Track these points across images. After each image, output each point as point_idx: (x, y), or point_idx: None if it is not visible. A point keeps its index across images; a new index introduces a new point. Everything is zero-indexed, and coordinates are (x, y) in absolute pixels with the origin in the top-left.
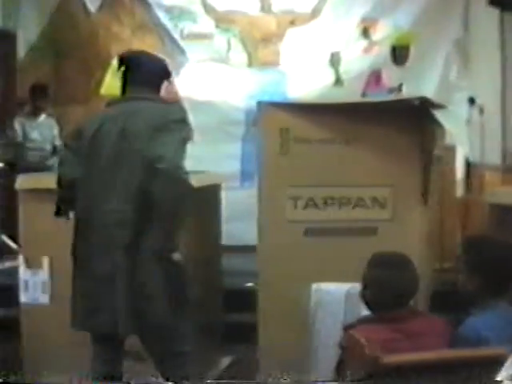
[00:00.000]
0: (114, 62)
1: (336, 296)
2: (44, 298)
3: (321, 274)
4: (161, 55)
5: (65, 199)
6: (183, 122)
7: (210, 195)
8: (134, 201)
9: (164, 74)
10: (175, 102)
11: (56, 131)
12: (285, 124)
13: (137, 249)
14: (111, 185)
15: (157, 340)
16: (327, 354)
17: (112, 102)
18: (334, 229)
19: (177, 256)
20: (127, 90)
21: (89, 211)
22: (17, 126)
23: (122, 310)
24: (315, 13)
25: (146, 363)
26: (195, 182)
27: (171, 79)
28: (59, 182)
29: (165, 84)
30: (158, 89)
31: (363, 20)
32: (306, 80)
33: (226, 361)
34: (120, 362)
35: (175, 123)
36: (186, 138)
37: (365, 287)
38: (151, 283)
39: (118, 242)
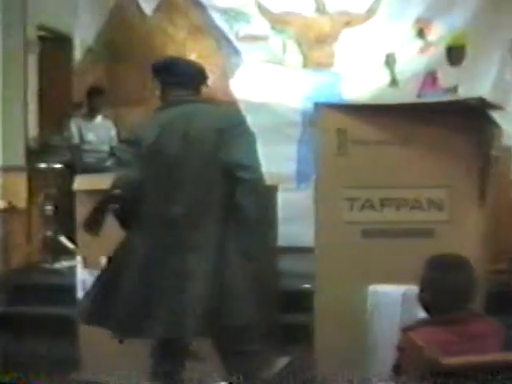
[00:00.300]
0: None
1: (393, 298)
2: None
3: (377, 276)
4: (216, 57)
5: (125, 203)
6: (245, 124)
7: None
8: (203, 203)
9: (202, 76)
10: (230, 103)
11: (113, 132)
12: (342, 125)
13: (214, 250)
14: (177, 187)
15: (230, 340)
16: (384, 355)
17: (162, 107)
18: (391, 230)
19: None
20: (170, 94)
21: (153, 214)
22: (73, 128)
23: (194, 311)
24: (370, 13)
25: (205, 363)
26: None
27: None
28: (116, 185)
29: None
30: (198, 91)
31: (418, 20)
32: (361, 81)
33: (282, 362)
34: (181, 362)
35: (240, 126)
36: (255, 141)
37: (422, 289)
38: (234, 284)
39: (189, 244)
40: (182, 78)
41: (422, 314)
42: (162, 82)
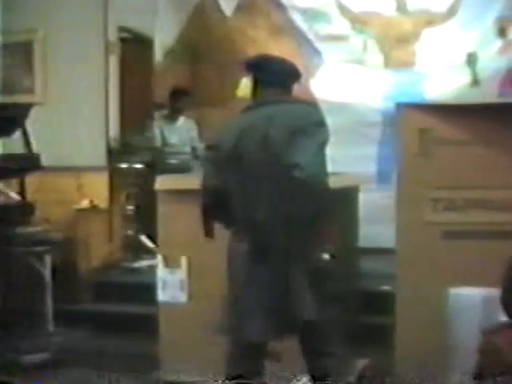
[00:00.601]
0: None
1: (473, 301)
2: (182, 296)
3: (458, 278)
4: (297, 57)
5: (212, 210)
6: (322, 124)
7: (348, 197)
8: (278, 208)
9: (294, 75)
10: (312, 103)
11: (195, 133)
12: (424, 125)
13: (288, 254)
14: (258, 193)
15: (310, 341)
16: (464, 358)
17: (248, 108)
18: (473, 232)
19: (324, 257)
20: (260, 93)
21: (237, 220)
22: (156, 131)
23: (279, 314)
24: (451, 12)
25: (282, 364)
26: (333, 183)
27: (301, 81)
28: (204, 192)
29: (295, 85)
30: (290, 90)
31: (499, 19)
32: (442, 80)
33: (361, 363)
34: (259, 362)
35: (314, 126)
36: (324, 142)
37: (504, 291)
38: (304, 286)
39: (273, 249)
40: (274, 77)
41: (503, 318)
42: (254, 80)
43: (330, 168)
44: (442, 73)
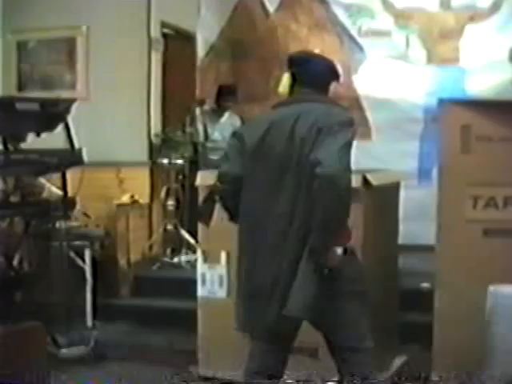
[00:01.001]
0: None
1: None
2: (221, 292)
3: (498, 276)
4: (339, 53)
5: (228, 197)
6: (348, 123)
7: (390, 193)
8: (300, 204)
9: (333, 74)
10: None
11: None
12: (466, 121)
13: (301, 249)
14: (280, 188)
15: (338, 336)
16: (503, 358)
17: (279, 104)
18: None
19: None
20: (295, 90)
21: (256, 213)
22: (199, 126)
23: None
24: (494, 8)
25: (319, 360)
26: (375, 180)
27: (340, 80)
28: (222, 179)
29: (333, 84)
30: (326, 90)
31: None
32: (485, 76)
33: (399, 360)
34: (282, 359)
35: (340, 125)
36: (349, 141)
37: None
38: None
39: (285, 245)
40: (311, 75)
41: None
42: (292, 77)
43: (373, 165)
44: (485, 69)
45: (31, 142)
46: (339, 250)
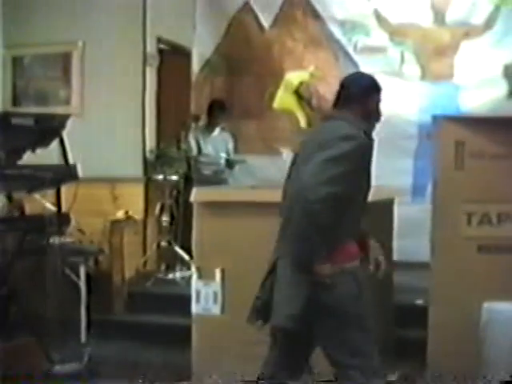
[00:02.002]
0: (287, 77)
1: (508, 315)
2: (216, 309)
3: (493, 292)
4: (334, 69)
5: None
6: (343, 138)
7: (384, 210)
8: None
9: (371, 90)
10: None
11: (231, 145)
12: (460, 138)
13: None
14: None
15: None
16: (497, 373)
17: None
18: (508, 246)
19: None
20: (334, 108)
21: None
22: (191, 140)
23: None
24: (488, 24)
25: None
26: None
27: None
28: None
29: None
30: (359, 106)
31: None
32: (479, 93)
33: (392, 377)
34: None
35: (334, 140)
36: (338, 155)
37: None
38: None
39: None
40: (351, 95)
41: None
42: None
43: None
44: (479, 85)
45: (26, 157)
46: (330, 266)
